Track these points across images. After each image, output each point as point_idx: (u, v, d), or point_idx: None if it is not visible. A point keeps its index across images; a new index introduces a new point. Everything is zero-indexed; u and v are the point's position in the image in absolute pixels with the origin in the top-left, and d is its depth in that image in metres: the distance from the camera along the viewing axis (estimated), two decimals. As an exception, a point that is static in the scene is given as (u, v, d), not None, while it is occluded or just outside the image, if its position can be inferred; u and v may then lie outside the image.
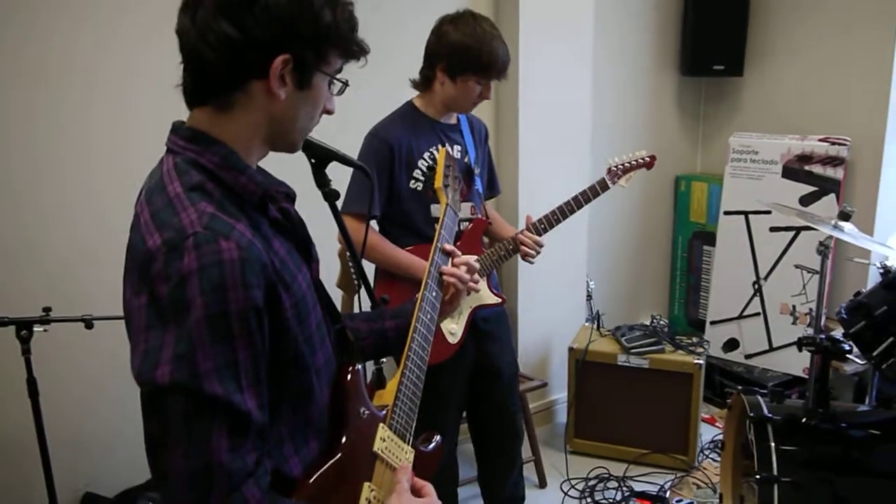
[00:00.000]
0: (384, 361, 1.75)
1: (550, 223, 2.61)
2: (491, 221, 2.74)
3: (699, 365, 3.40)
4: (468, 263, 1.64)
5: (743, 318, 4.16)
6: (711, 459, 3.54)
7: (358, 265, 1.59)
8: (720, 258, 4.27)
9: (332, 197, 1.45)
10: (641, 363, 3.48)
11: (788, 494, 2.20)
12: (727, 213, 4.19)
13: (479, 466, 2.88)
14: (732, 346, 4.20)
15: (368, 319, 1.55)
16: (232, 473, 1.01)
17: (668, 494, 3.29)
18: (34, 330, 2.29)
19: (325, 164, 1.42)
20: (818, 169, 3.84)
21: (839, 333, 2.51)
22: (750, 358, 4.13)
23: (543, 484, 3.44)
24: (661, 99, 4.42)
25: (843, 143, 3.77)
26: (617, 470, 3.50)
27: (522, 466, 2.93)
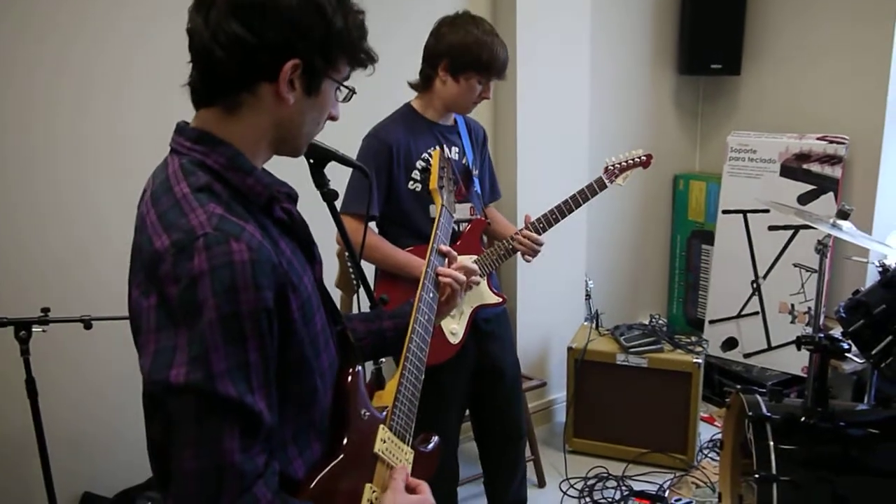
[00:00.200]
0: (383, 362, 1.75)
1: (549, 222, 2.61)
2: (490, 222, 2.74)
3: (698, 364, 3.40)
4: (466, 267, 1.65)
5: (741, 317, 4.16)
6: (710, 459, 3.54)
7: (357, 265, 1.59)
8: (719, 257, 4.27)
9: (330, 197, 1.45)
10: (640, 362, 3.48)
11: (787, 493, 2.20)
12: (725, 211, 4.19)
13: (483, 467, 2.88)
14: (731, 345, 4.20)
15: (366, 320, 1.55)
16: (244, 474, 1.01)
17: (667, 494, 3.29)
18: (33, 330, 2.29)
19: (323, 164, 1.42)
20: (816, 167, 3.84)
21: (838, 332, 2.51)
22: (749, 357, 4.13)
23: (542, 483, 3.44)
24: (658, 98, 4.42)
25: (840, 141, 3.78)
26: (616, 469, 3.50)
27: (526, 469, 2.93)
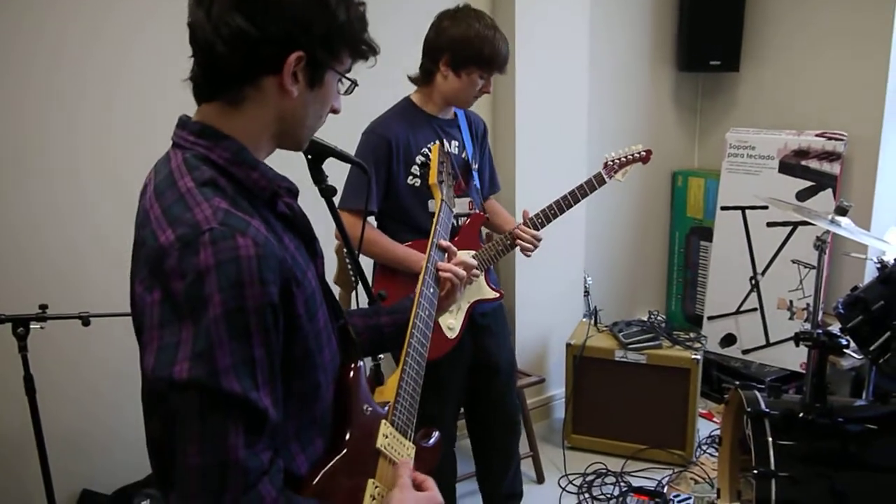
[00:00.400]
0: (382, 358, 1.75)
1: (547, 218, 2.61)
2: (490, 215, 2.74)
3: (696, 360, 3.41)
4: (465, 262, 1.65)
5: (740, 313, 4.16)
6: (709, 454, 3.54)
7: (355, 261, 1.59)
8: (717, 253, 4.27)
9: (328, 193, 1.45)
10: (639, 359, 3.48)
11: (786, 489, 2.20)
12: (724, 208, 4.19)
13: (476, 462, 2.89)
14: (730, 341, 4.20)
15: (364, 315, 1.55)
16: (248, 471, 1.01)
17: (665, 490, 3.29)
18: (31, 327, 2.28)
19: (321, 159, 1.42)
20: (815, 164, 3.84)
21: (836, 328, 2.51)
22: (747, 353, 4.13)
23: (541, 479, 3.44)
24: (657, 94, 4.41)
25: (839, 137, 3.78)
26: (615, 465, 3.50)
27: (520, 462, 2.94)
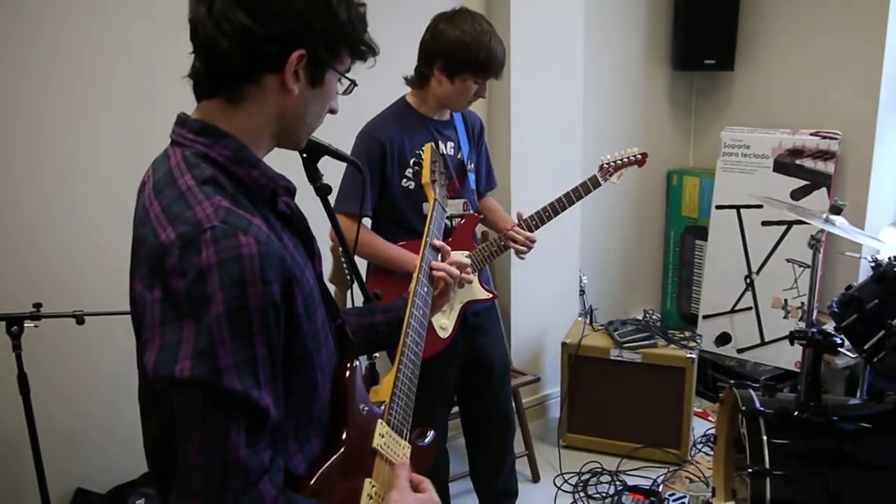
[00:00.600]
0: (377, 357, 1.75)
1: (542, 219, 2.61)
2: (484, 216, 2.73)
3: (692, 359, 3.41)
4: (459, 262, 1.65)
5: (735, 312, 4.17)
6: (704, 453, 3.55)
7: (350, 260, 1.59)
8: (712, 252, 4.28)
9: (324, 192, 1.45)
10: (634, 358, 3.48)
11: (780, 487, 2.21)
12: (719, 207, 4.20)
13: (470, 460, 2.88)
14: (724, 340, 4.21)
15: (359, 314, 1.55)
16: (249, 470, 1.01)
17: (660, 488, 3.30)
18: (25, 326, 2.27)
19: (316, 158, 1.41)
20: (809, 163, 3.85)
21: (831, 327, 2.52)
22: (742, 352, 4.14)
23: (537, 478, 3.44)
24: (652, 94, 4.42)
25: (833, 136, 3.79)
26: (610, 464, 3.50)
27: (514, 460, 2.94)
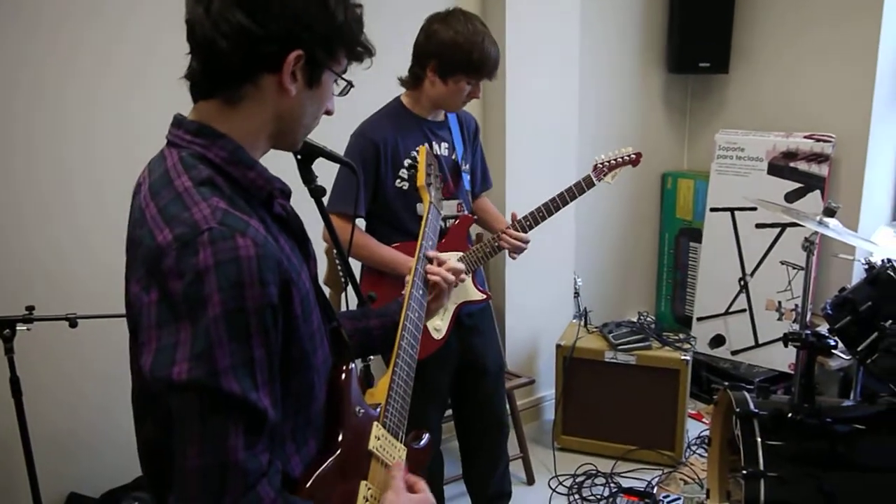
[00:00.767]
0: (371, 359, 1.75)
1: (536, 220, 2.61)
2: (479, 216, 2.73)
3: (686, 361, 3.42)
4: (454, 268, 1.66)
5: (729, 314, 4.17)
6: (698, 455, 3.55)
7: (345, 262, 1.59)
8: (706, 255, 4.29)
9: (318, 193, 1.44)
10: (629, 360, 3.49)
11: (775, 489, 2.21)
12: (713, 209, 4.21)
13: (463, 462, 2.88)
14: (719, 342, 4.22)
15: (353, 318, 1.55)
16: (247, 473, 1.01)
17: (655, 490, 3.30)
18: (17, 329, 2.26)
19: (311, 160, 1.41)
20: (803, 165, 3.86)
21: (824, 329, 2.52)
22: (736, 354, 4.15)
23: (531, 481, 3.44)
24: (647, 96, 4.43)
25: (827, 139, 3.80)
26: (604, 466, 3.51)
27: (508, 462, 2.93)
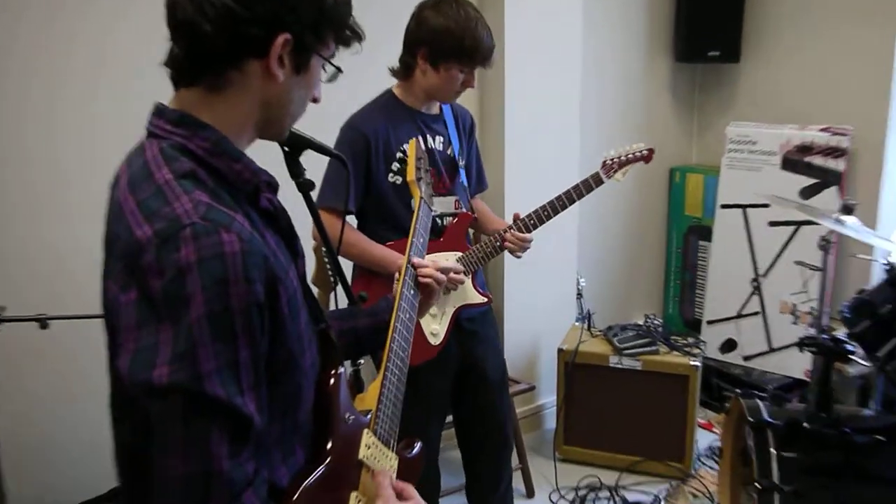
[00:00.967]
0: (362, 363, 1.74)
1: (540, 219, 2.60)
2: (477, 216, 2.73)
3: (695, 367, 3.41)
4: (444, 267, 1.67)
5: (741, 317, 4.17)
6: (708, 467, 3.55)
7: (334, 261, 1.58)
8: (717, 254, 4.29)
9: (306, 188, 1.44)
10: (634, 365, 3.48)
11: (790, 503, 2.21)
12: (724, 206, 4.21)
13: (466, 475, 2.86)
14: (730, 346, 4.22)
15: (340, 318, 1.55)
16: (232, 482, 1.00)
17: (662, 504, 3.30)
18: (-15, 330, 2.25)
19: (299, 152, 1.41)
20: (819, 160, 3.86)
21: (842, 333, 2.53)
22: (749, 359, 4.15)
23: (531, 493, 3.44)
24: (653, 86, 4.43)
25: (844, 132, 3.80)
26: (609, 478, 3.50)
27: (511, 479, 2.92)
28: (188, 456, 0.98)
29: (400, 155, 2.46)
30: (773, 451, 2.29)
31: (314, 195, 1.52)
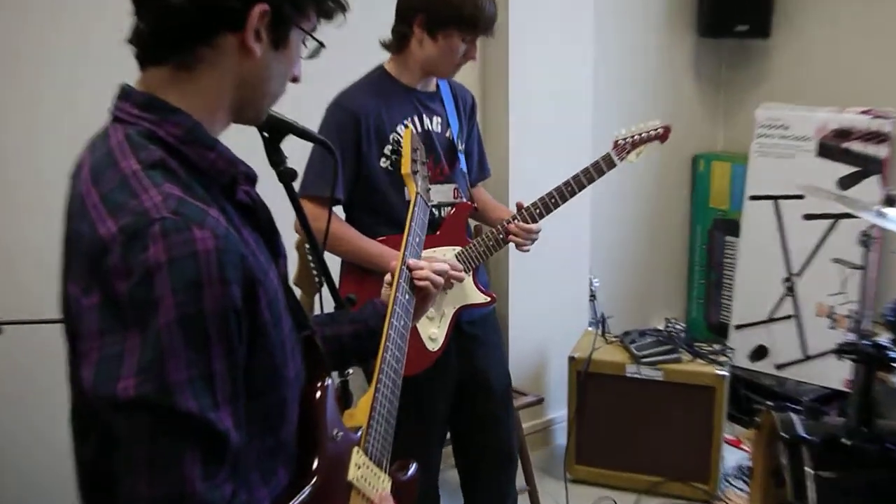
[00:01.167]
0: (350, 374, 1.74)
1: (547, 208, 2.59)
2: (477, 205, 2.72)
3: (722, 377, 3.42)
4: (441, 269, 1.66)
5: (773, 321, 4.18)
6: (737, 489, 3.56)
7: (319, 258, 1.58)
8: (746, 251, 4.29)
9: (287, 177, 1.45)
10: (654, 375, 3.49)
11: (827, 528, 2.22)
12: (753, 197, 4.21)
13: (465, 497, 2.87)
14: (761, 354, 4.22)
15: (321, 323, 1.55)
16: None
17: (685, 529, 3.31)
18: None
19: (280, 137, 1.41)
20: (858, 146, 3.86)
21: (885, 339, 2.53)
22: (781, 369, 4.15)
23: (539, 518, 3.44)
24: (675, 64, 4.43)
25: (886, 116, 3.80)
26: (626, 501, 3.51)
27: (517, 498, 2.93)
28: (156, 477, 0.98)
29: (396, 137, 2.45)
30: (808, 470, 2.29)
31: (297, 185, 1.52)
